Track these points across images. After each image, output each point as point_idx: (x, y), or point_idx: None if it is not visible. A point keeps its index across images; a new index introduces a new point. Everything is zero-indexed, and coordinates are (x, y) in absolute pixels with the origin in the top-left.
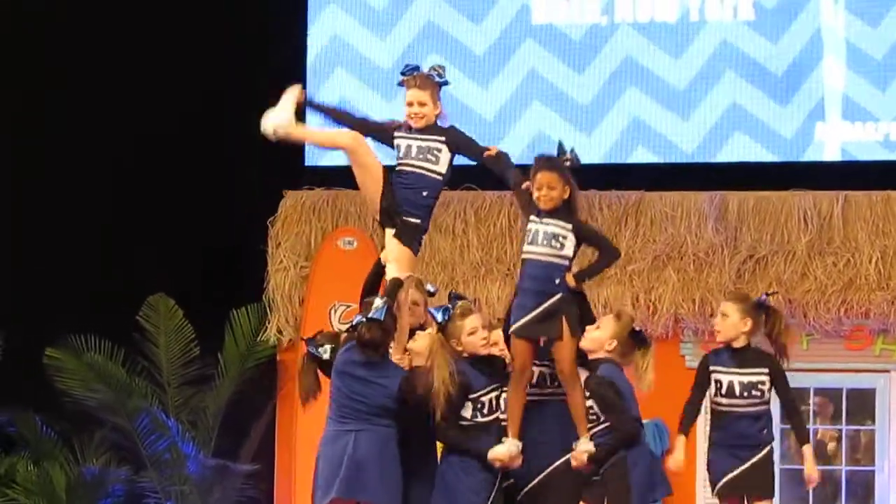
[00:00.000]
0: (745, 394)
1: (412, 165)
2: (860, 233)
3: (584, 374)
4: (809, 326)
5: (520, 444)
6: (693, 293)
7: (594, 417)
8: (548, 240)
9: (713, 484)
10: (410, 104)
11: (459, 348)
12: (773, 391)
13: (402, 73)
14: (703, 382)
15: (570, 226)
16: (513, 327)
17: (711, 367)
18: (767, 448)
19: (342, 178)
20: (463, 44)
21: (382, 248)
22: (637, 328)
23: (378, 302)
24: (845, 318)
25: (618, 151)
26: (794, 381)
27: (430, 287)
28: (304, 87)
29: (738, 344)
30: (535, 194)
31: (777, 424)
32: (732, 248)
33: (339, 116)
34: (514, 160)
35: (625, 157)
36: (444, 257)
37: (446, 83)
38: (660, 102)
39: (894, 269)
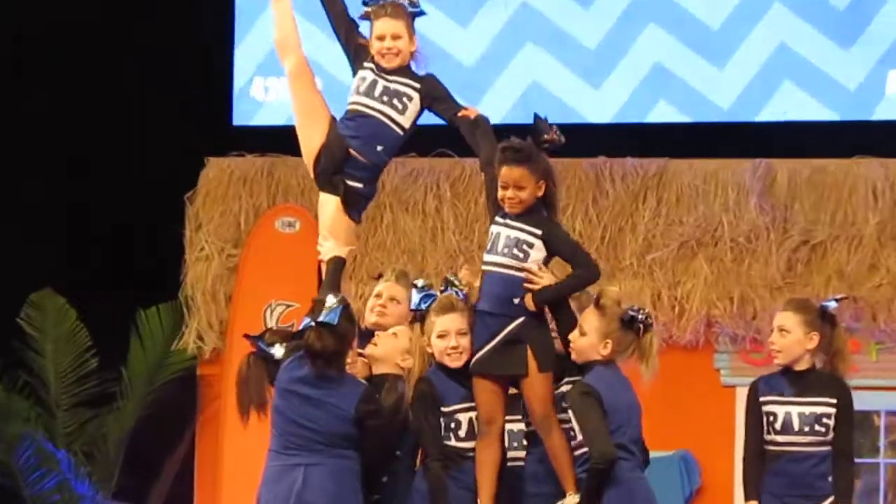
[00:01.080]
0: (807, 428)
1: (372, 108)
2: None
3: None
4: (879, 332)
5: None
6: (730, 289)
7: (573, 434)
8: (509, 247)
9: None
10: (381, 38)
11: (430, 349)
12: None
13: (366, 3)
14: (757, 421)
15: (539, 231)
16: (471, 364)
17: (762, 398)
18: (830, 501)
19: (281, 141)
20: None
21: None
22: (630, 311)
23: (331, 300)
24: None
25: (634, 108)
26: (860, 400)
27: (418, 282)
28: (233, 27)
29: (800, 366)
30: (501, 194)
31: None
32: (781, 231)
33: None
34: (502, 119)
35: (643, 114)
36: (412, 243)
37: (422, 13)
38: (688, 45)
39: None
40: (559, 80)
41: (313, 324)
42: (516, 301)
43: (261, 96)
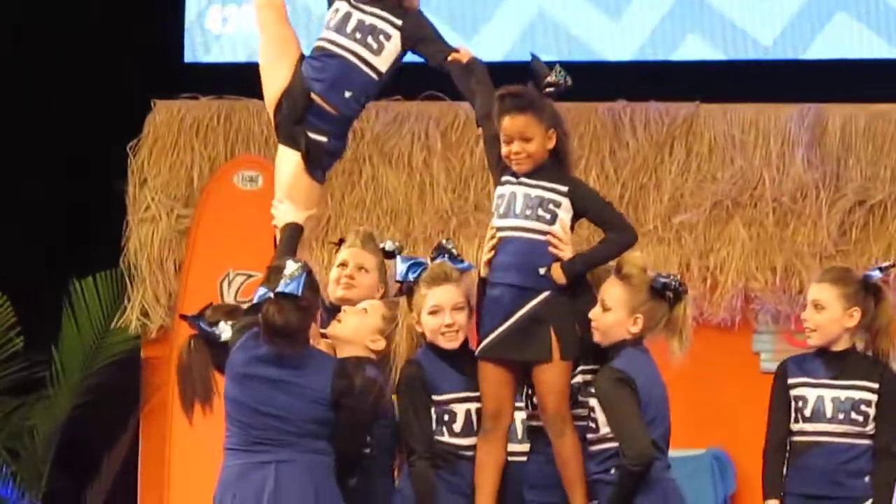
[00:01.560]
0: (841, 416)
1: (340, 46)
2: None
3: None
4: None
5: None
6: (773, 258)
7: (593, 426)
8: (532, 208)
9: None
10: None
11: (420, 329)
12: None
13: None
14: (784, 407)
15: (564, 188)
16: (479, 347)
17: (791, 380)
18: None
19: (241, 81)
20: None
21: None
22: (661, 278)
23: (291, 267)
24: None
25: (659, 42)
26: None
27: (387, 244)
28: None
29: (837, 346)
30: (505, 150)
31: None
32: (833, 189)
33: None
34: (502, 56)
35: (669, 51)
36: (396, 202)
37: None
38: None
39: None
40: (570, 10)
41: (272, 295)
42: (542, 272)
43: (217, 28)
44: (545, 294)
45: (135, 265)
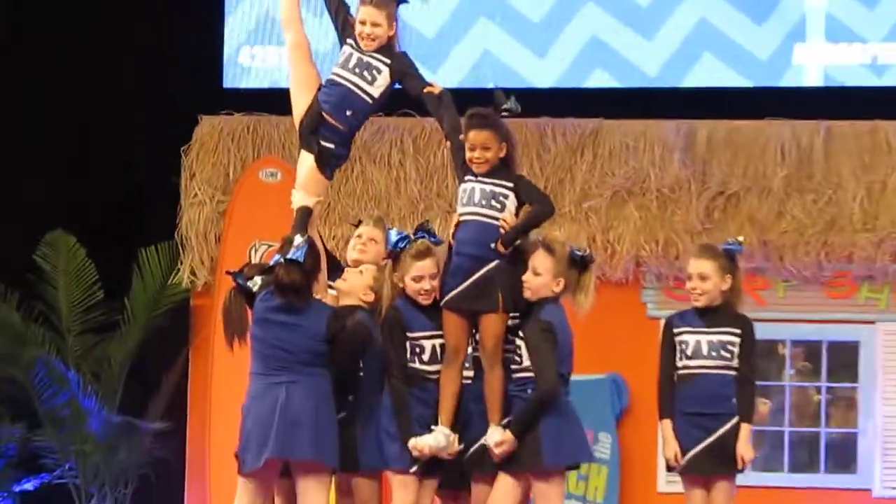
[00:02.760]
0: (714, 353)
1: (343, 78)
2: (843, 167)
3: None
4: (786, 272)
5: (451, 435)
6: (656, 233)
7: (517, 360)
8: (486, 199)
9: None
10: (363, 23)
11: (401, 285)
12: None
13: None
14: (671, 351)
15: (511, 184)
16: (444, 299)
17: (676, 330)
18: (735, 420)
19: (265, 102)
20: None
21: None
22: (576, 251)
23: (298, 239)
24: (826, 263)
25: (574, 74)
26: (769, 332)
27: (393, 231)
28: (223, 1)
29: (714, 303)
30: (469, 155)
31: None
32: (701, 183)
33: None
34: (458, 83)
35: (581, 80)
36: (378, 191)
37: (405, 1)
38: (620, 19)
39: (881, 207)
40: (508, 50)
41: (282, 260)
42: (493, 245)
43: (248, 62)
44: (494, 263)
45: (186, 237)
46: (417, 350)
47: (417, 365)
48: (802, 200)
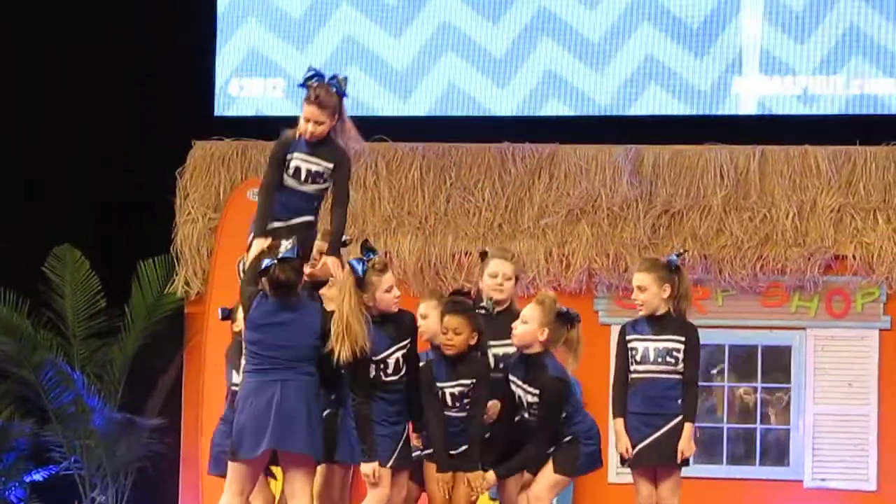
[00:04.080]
0: (660, 360)
1: (303, 187)
2: (777, 188)
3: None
4: (725, 283)
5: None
6: (607, 248)
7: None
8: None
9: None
10: (307, 120)
11: (371, 304)
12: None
13: (305, 81)
14: (623, 356)
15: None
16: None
17: (628, 338)
18: (679, 418)
19: (252, 128)
20: None
21: None
22: (562, 308)
23: (285, 244)
24: (761, 275)
25: (532, 104)
26: (709, 337)
27: (354, 262)
28: (215, 37)
29: (658, 312)
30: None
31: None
32: (647, 202)
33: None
34: (426, 111)
35: (538, 109)
36: (355, 209)
37: (345, 95)
38: (574, 54)
39: (811, 224)
40: (472, 82)
41: (276, 261)
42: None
43: (236, 93)
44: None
45: (180, 251)
46: (383, 367)
47: (384, 378)
48: (739, 218)
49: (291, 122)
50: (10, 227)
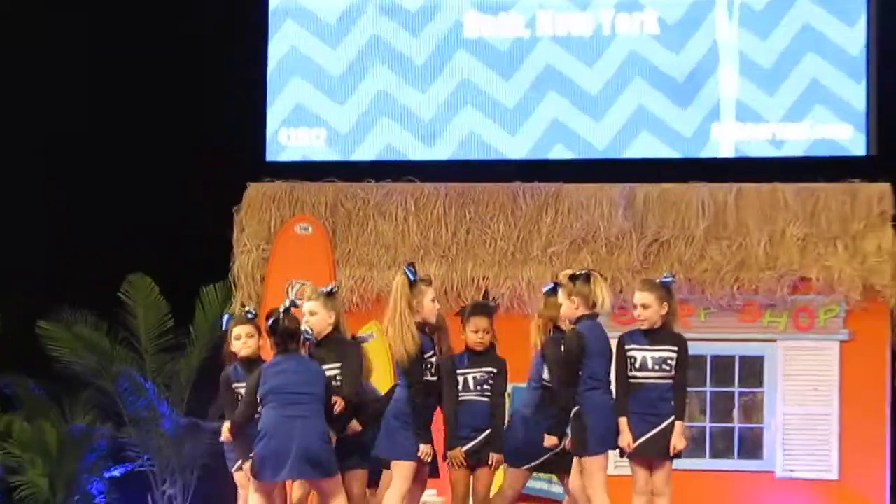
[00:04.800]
0: (657, 367)
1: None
2: (750, 220)
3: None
4: (706, 301)
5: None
6: (605, 273)
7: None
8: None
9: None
10: (307, 318)
11: (418, 310)
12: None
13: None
14: (623, 363)
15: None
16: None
17: (627, 347)
18: (672, 418)
19: (299, 171)
20: (404, 54)
21: (333, 232)
22: (573, 272)
23: (286, 302)
24: (738, 294)
25: (539, 148)
26: (694, 348)
27: (329, 287)
28: (266, 92)
29: (654, 326)
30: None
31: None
32: (640, 233)
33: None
34: (448, 155)
35: (545, 153)
36: (388, 240)
37: (333, 292)
38: (576, 105)
39: (780, 251)
40: (488, 130)
41: (282, 312)
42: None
43: (285, 141)
44: None
45: (237, 278)
46: (428, 366)
47: (429, 377)
48: (719, 246)
49: (333, 166)
50: (91, 257)
